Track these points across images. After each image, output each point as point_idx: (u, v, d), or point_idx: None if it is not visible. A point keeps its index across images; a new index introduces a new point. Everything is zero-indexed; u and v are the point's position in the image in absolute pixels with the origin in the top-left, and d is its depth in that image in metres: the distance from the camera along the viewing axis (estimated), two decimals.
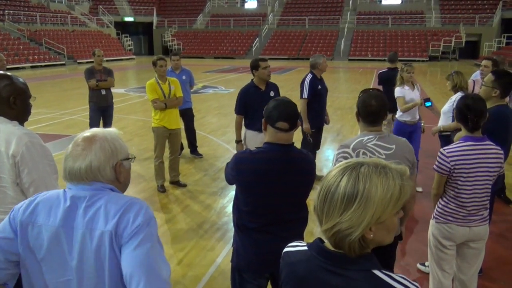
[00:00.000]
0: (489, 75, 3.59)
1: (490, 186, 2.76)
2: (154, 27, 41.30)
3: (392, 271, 1.20)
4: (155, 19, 41.65)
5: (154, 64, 5.67)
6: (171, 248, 4.29)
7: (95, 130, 1.62)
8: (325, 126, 9.69)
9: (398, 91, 5.82)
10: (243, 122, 5.01)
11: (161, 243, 1.52)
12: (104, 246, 1.44)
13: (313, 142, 6.12)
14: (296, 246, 1.35)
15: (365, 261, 1.18)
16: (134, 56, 36.48)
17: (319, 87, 6.02)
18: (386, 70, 7.19)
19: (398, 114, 5.85)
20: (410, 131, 5.69)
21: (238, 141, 5.06)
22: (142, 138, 8.62)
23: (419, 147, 5.88)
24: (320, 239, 1.27)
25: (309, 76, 6.00)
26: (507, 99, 4.48)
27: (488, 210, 2.83)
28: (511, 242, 4.49)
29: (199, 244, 4.37)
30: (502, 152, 2.76)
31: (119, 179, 1.60)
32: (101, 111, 7.21)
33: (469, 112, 2.69)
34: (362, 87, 3.11)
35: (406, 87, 5.76)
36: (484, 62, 5.60)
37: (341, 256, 1.19)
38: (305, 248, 1.30)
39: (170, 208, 5.29)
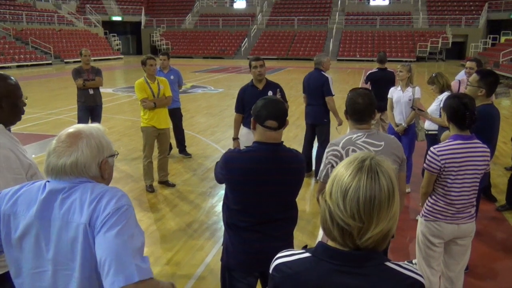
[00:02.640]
0: (474, 75, 3.64)
1: (478, 184, 2.80)
2: (142, 27, 41.04)
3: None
4: (143, 19, 41.39)
5: (144, 63, 5.64)
6: (160, 248, 4.27)
7: (80, 126, 1.59)
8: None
9: (390, 91, 5.91)
10: (241, 120, 5.06)
11: (138, 229, 1.47)
12: (78, 238, 1.42)
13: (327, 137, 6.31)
14: (292, 255, 1.25)
15: (377, 255, 1.19)
16: (122, 56, 36.21)
17: None
18: (376, 70, 7.25)
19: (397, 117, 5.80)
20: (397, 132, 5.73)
21: (235, 139, 5.12)
22: (131, 138, 8.56)
23: (412, 148, 5.81)
24: (322, 242, 1.23)
25: (329, 77, 6.24)
26: (493, 98, 4.56)
27: (475, 208, 2.87)
28: (497, 240, 4.56)
29: (188, 243, 4.36)
30: (488, 150, 2.81)
31: (103, 176, 1.58)
32: (89, 110, 7.15)
33: (467, 111, 2.72)
34: (351, 87, 3.13)
35: (399, 88, 5.81)
36: (468, 64, 5.68)
37: (360, 255, 1.16)
38: (307, 254, 1.23)
39: (159, 208, 5.27)
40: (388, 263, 1.18)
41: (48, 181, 1.53)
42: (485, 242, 4.43)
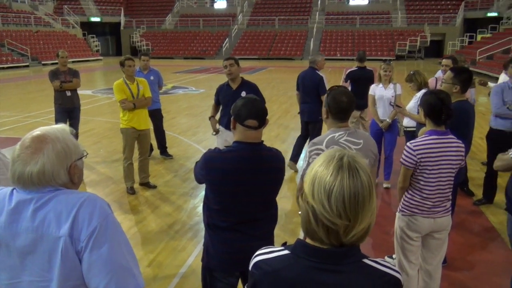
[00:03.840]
0: (448, 72, 3.71)
1: (452, 178, 2.85)
2: (121, 28, 40.58)
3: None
4: (122, 19, 40.93)
5: (122, 64, 5.58)
6: (141, 250, 4.23)
7: (44, 129, 1.49)
8: (296, 125, 9.79)
9: (371, 89, 5.98)
10: (217, 108, 5.36)
11: (124, 234, 1.45)
12: (57, 251, 1.36)
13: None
14: (271, 252, 1.25)
15: (356, 252, 1.20)
16: (101, 57, 35.73)
17: None
18: (355, 69, 7.32)
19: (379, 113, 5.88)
20: (381, 129, 5.82)
21: (211, 117, 5.37)
22: (111, 140, 8.46)
23: (394, 144, 5.91)
24: (301, 240, 1.22)
25: (323, 75, 6.40)
26: (468, 94, 4.65)
27: (450, 202, 2.93)
28: (474, 233, 4.66)
29: (170, 244, 4.33)
30: (463, 145, 2.86)
31: (73, 180, 1.49)
32: (67, 113, 7.04)
33: (444, 106, 2.78)
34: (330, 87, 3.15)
35: (380, 85, 5.88)
36: (444, 62, 5.83)
37: (338, 252, 1.17)
38: (286, 252, 1.23)
39: (140, 210, 5.22)
40: (365, 260, 1.20)
41: (15, 189, 1.45)
42: (463, 235, 4.53)
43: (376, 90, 5.88)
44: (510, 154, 2.75)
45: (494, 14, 33.23)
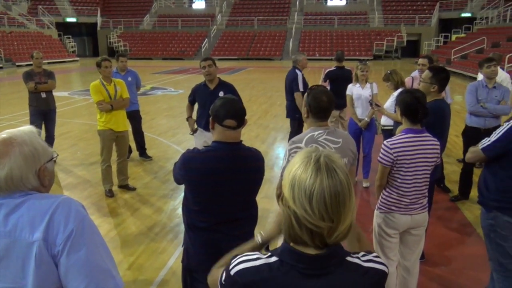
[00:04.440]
0: (426, 72, 3.77)
1: (429, 176, 2.91)
2: (98, 28, 39.96)
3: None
4: (99, 20, 40.31)
5: (99, 65, 5.49)
6: (121, 253, 4.17)
7: (11, 131, 1.45)
8: (275, 125, 9.82)
9: (348, 89, 6.02)
10: (192, 108, 5.41)
11: (100, 235, 1.43)
12: (30, 256, 1.32)
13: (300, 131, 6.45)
14: (255, 260, 1.20)
15: (340, 251, 1.20)
16: (77, 58, 35.10)
17: (306, 81, 6.59)
18: (334, 68, 7.38)
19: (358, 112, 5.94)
20: (360, 128, 5.89)
21: (188, 118, 5.38)
22: (88, 142, 8.32)
23: (372, 143, 5.98)
24: (287, 245, 1.19)
25: (299, 73, 6.51)
26: (444, 94, 4.75)
27: (427, 198, 2.98)
28: (451, 229, 4.75)
29: (150, 247, 4.28)
30: (438, 143, 2.92)
31: (43, 184, 1.45)
32: (42, 115, 6.89)
33: (420, 105, 2.82)
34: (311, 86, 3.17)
35: (357, 85, 5.94)
36: (420, 61, 5.95)
37: (323, 256, 1.16)
38: (274, 258, 1.19)
39: (119, 213, 5.15)
40: (348, 258, 1.20)
41: None
42: (440, 231, 4.62)
43: (353, 90, 5.94)
44: (479, 146, 2.82)
45: (468, 14, 34.05)
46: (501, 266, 2.89)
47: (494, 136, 2.77)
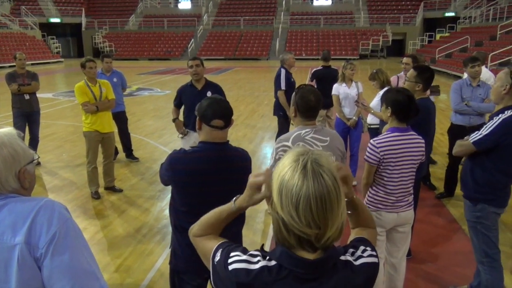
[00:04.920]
0: (411, 71, 3.80)
1: (414, 174, 2.93)
2: (83, 29, 39.52)
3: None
4: (84, 20, 39.87)
5: (83, 66, 5.43)
6: (108, 255, 4.13)
7: None
8: (263, 124, 9.82)
9: (334, 88, 6.03)
10: (178, 112, 5.33)
11: (84, 238, 1.42)
12: (12, 260, 1.30)
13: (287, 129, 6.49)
14: (256, 263, 1.20)
15: (334, 252, 1.20)
16: (62, 59, 34.67)
17: (292, 79, 6.65)
18: (320, 68, 7.41)
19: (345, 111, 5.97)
20: (348, 127, 5.93)
21: (174, 119, 5.30)
22: (74, 144, 8.22)
23: (359, 141, 6.02)
24: (285, 250, 1.19)
25: (283, 71, 6.60)
26: (428, 92, 4.80)
27: (412, 196, 3.01)
28: (437, 226, 4.81)
29: (137, 249, 4.25)
30: (423, 141, 2.95)
31: (24, 186, 1.43)
32: (26, 117, 6.79)
33: (412, 104, 2.85)
34: (298, 85, 3.18)
35: (343, 84, 5.97)
36: (405, 60, 6.02)
37: (320, 261, 1.17)
38: (273, 262, 1.19)
39: (105, 215, 5.09)
40: (342, 257, 1.22)
41: None
42: (426, 228, 4.66)
43: (340, 89, 5.97)
44: (470, 140, 2.86)
45: (452, 14, 34.50)
46: (487, 257, 2.99)
47: (485, 130, 2.83)
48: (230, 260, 1.23)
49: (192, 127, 4.98)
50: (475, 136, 2.85)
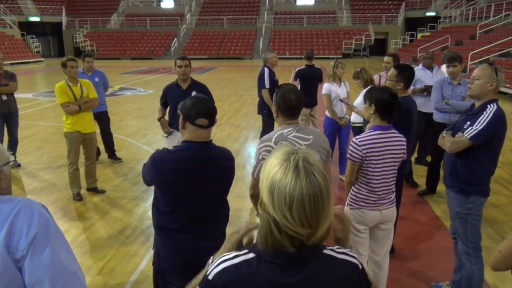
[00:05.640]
0: (392, 70, 3.83)
1: (396, 171, 2.96)
2: (63, 28, 38.93)
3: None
4: (64, 19, 39.26)
5: (64, 65, 5.33)
6: (90, 258, 4.07)
7: None
8: (247, 124, 9.81)
9: (325, 88, 6.02)
10: (164, 111, 5.22)
11: (65, 238, 1.40)
12: None
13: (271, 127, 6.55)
14: (235, 257, 1.19)
15: (318, 247, 1.21)
16: (42, 59, 34.08)
17: (275, 78, 6.68)
18: (304, 67, 7.43)
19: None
20: (339, 126, 5.96)
21: (160, 119, 5.19)
22: (55, 145, 8.08)
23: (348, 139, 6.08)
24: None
25: (266, 70, 6.64)
26: (409, 90, 4.85)
27: (394, 193, 3.04)
28: (419, 223, 4.87)
29: (120, 250, 4.19)
30: (405, 139, 2.98)
31: (0, 187, 1.43)
32: (4, 118, 6.63)
33: (396, 102, 2.88)
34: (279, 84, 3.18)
35: (334, 84, 5.99)
36: (386, 59, 6.08)
37: (302, 252, 1.16)
38: (252, 255, 1.18)
39: (87, 217, 5.02)
40: (325, 251, 1.21)
41: None
42: (409, 225, 4.72)
43: (331, 89, 5.97)
44: (466, 135, 2.90)
45: (432, 13, 35.03)
46: (474, 248, 3.10)
47: (480, 125, 2.89)
48: (209, 271, 1.20)
49: (176, 126, 4.94)
50: (471, 131, 2.91)
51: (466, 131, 2.94)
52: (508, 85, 14.06)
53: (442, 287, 3.49)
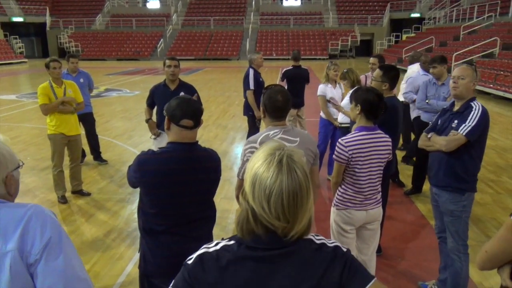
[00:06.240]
0: (377, 71, 3.86)
1: (382, 171, 2.97)
2: (47, 28, 38.43)
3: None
4: (48, 19, 38.75)
5: (47, 66, 5.25)
6: None
7: None
8: (234, 125, 9.79)
9: (320, 89, 6.03)
10: (150, 112, 5.14)
11: (72, 243, 1.40)
12: (4, 267, 1.26)
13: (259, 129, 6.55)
14: (215, 245, 1.24)
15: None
16: (26, 60, 33.61)
17: (260, 79, 6.65)
18: (291, 68, 7.43)
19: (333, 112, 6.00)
20: (334, 127, 5.97)
21: (147, 120, 5.11)
22: (39, 147, 7.96)
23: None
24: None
25: (251, 71, 6.62)
26: (395, 90, 4.89)
27: (380, 193, 3.05)
28: (405, 222, 4.91)
29: (106, 254, 4.14)
30: (390, 140, 2.99)
31: (10, 192, 1.41)
32: None
33: (381, 102, 2.89)
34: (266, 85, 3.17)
35: (329, 85, 6.00)
36: (371, 60, 6.13)
37: (280, 235, 1.18)
38: (233, 241, 1.23)
39: (72, 220, 4.95)
40: (304, 236, 1.23)
41: None
42: (396, 225, 4.75)
43: (327, 90, 5.98)
44: (461, 133, 2.92)
45: (417, 15, 35.45)
46: (464, 246, 3.15)
47: (472, 121, 2.93)
48: (193, 256, 1.24)
49: (162, 128, 4.91)
50: (465, 128, 2.93)
51: (461, 128, 2.95)
52: (491, 85, 14.28)
53: (428, 286, 3.52)
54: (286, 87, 7.06)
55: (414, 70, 6.73)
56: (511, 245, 1.58)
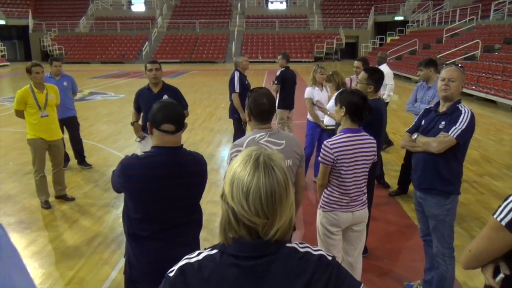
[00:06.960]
0: (362, 73, 3.89)
1: (367, 173, 2.99)
2: (30, 31, 37.86)
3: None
4: (31, 22, 38.19)
5: (29, 71, 5.15)
6: (59, 268, 3.94)
7: None
8: (220, 127, 9.77)
9: (307, 92, 6.02)
10: (138, 115, 5.10)
11: (19, 256, 1.30)
12: None
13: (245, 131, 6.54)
14: (200, 254, 1.23)
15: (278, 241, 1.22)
16: (8, 63, 33.09)
17: (246, 82, 6.62)
18: (283, 69, 7.39)
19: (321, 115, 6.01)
20: (321, 130, 5.97)
21: (133, 123, 5.07)
22: (21, 151, 7.82)
23: None
24: (232, 237, 1.21)
25: (237, 74, 6.60)
26: (380, 93, 4.93)
27: (366, 195, 3.06)
28: (391, 223, 4.94)
29: (91, 259, 4.08)
30: (375, 141, 3.01)
31: None
32: None
33: (366, 105, 2.90)
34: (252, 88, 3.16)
35: (316, 88, 6.01)
36: (356, 64, 6.16)
37: (264, 242, 1.18)
38: (215, 250, 1.22)
39: (55, 226, 4.86)
40: (287, 244, 1.22)
41: None
42: (381, 226, 4.78)
43: (314, 93, 5.98)
44: (451, 135, 2.92)
45: (401, 18, 35.88)
46: (449, 248, 3.14)
47: (462, 124, 2.93)
48: (175, 267, 1.22)
49: (146, 131, 4.87)
50: (455, 131, 2.92)
51: (451, 130, 2.93)
52: (473, 87, 14.52)
53: (414, 287, 3.55)
54: (279, 89, 7.06)
55: (383, 70, 6.78)
56: (494, 244, 1.60)
